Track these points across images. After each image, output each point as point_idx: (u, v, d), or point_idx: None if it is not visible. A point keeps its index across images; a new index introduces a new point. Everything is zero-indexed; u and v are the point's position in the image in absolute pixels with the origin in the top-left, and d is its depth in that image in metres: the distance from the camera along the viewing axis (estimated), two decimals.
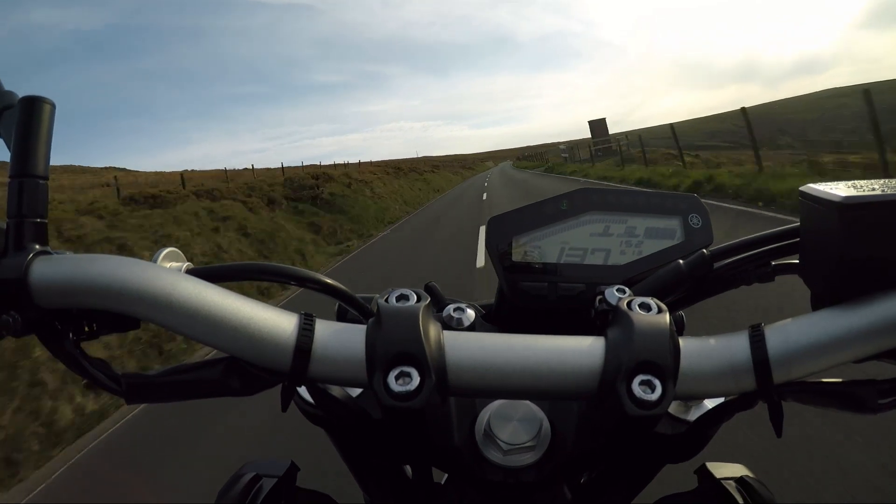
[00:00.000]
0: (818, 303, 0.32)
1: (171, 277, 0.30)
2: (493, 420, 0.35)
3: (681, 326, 0.43)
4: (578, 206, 0.43)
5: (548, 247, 0.42)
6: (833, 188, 0.30)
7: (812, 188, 0.31)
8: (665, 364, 0.27)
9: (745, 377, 0.29)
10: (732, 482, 0.37)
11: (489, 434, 0.35)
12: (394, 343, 0.28)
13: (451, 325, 0.40)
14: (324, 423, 0.39)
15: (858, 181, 0.31)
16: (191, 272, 0.37)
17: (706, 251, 0.38)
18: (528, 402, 0.37)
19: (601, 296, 0.34)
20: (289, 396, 0.30)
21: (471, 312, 0.41)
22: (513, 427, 0.35)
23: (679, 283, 0.38)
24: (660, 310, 0.30)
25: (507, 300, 0.43)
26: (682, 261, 0.38)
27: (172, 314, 0.29)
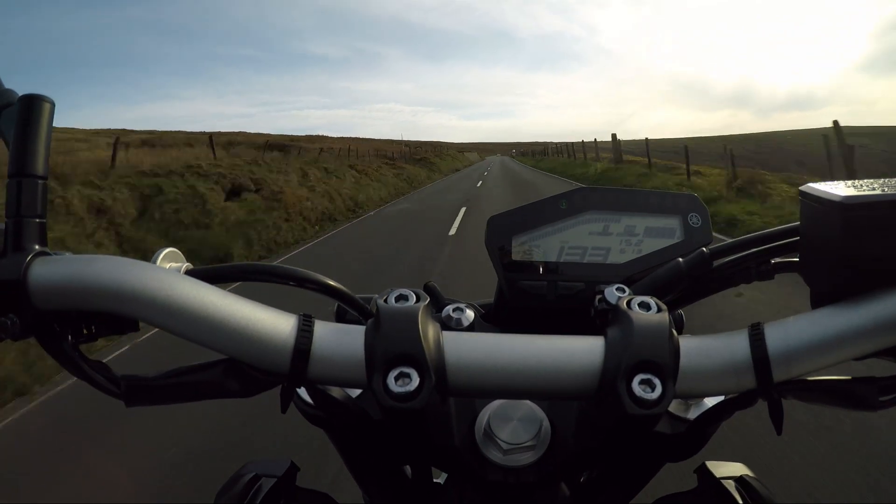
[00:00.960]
0: (818, 301, 0.32)
1: (170, 279, 0.29)
2: (493, 420, 0.35)
3: (680, 325, 0.44)
4: (578, 206, 0.43)
5: (547, 246, 0.42)
6: (833, 187, 0.30)
7: (812, 187, 0.31)
8: (665, 363, 0.27)
9: (745, 375, 0.29)
10: (732, 481, 0.37)
11: (489, 434, 0.35)
12: (393, 344, 0.28)
13: (451, 326, 0.40)
14: (323, 424, 0.39)
15: (858, 180, 0.31)
16: (190, 273, 0.36)
17: (706, 249, 0.38)
18: (528, 402, 0.37)
19: (601, 295, 0.34)
20: (288, 398, 0.30)
21: (470, 312, 0.42)
22: (513, 427, 0.35)
23: (678, 282, 0.38)
24: (659, 309, 0.30)
25: (507, 300, 0.43)
26: (682, 259, 0.38)
27: (171, 316, 0.29)
